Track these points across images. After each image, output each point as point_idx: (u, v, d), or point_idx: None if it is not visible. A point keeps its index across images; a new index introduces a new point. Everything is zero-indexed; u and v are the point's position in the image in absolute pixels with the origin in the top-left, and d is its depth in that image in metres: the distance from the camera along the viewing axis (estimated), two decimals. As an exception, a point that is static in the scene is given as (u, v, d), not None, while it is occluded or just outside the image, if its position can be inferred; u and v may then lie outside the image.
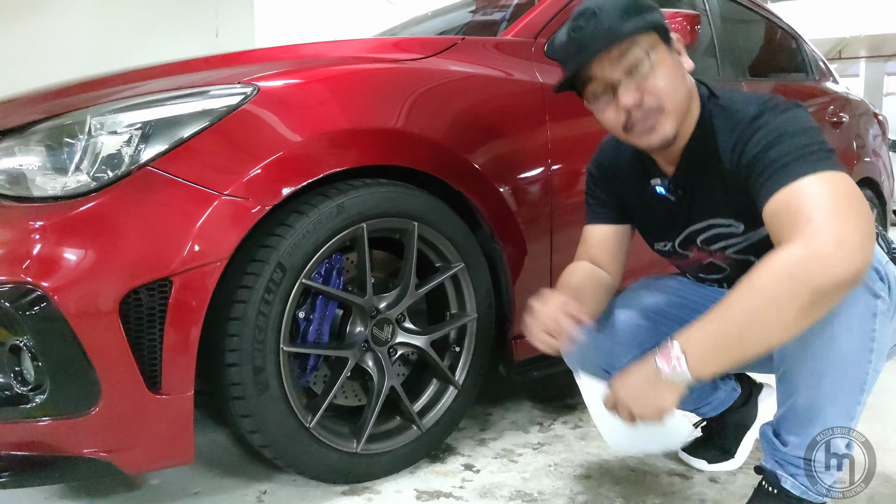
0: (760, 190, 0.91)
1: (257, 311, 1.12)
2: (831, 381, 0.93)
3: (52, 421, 1.01)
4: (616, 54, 0.96)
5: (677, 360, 0.88)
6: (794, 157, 0.89)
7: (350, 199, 1.21)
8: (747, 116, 0.97)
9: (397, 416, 1.39)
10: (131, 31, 4.36)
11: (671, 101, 0.98)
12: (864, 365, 0.93)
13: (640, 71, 0.96)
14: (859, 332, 0.91)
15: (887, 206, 3.13)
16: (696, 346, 0.88)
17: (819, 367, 0.94)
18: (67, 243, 1.00)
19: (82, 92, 1.20)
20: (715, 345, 0.87)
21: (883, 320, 0.92)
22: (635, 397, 0.94)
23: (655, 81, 0.97)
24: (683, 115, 1.01)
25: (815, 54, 2.97)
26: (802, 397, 0.97)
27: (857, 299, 0.90)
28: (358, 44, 1.53)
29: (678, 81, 0.99)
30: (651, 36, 0.97)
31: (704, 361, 0.87)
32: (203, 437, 1.54)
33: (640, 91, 0.97)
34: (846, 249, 0.80)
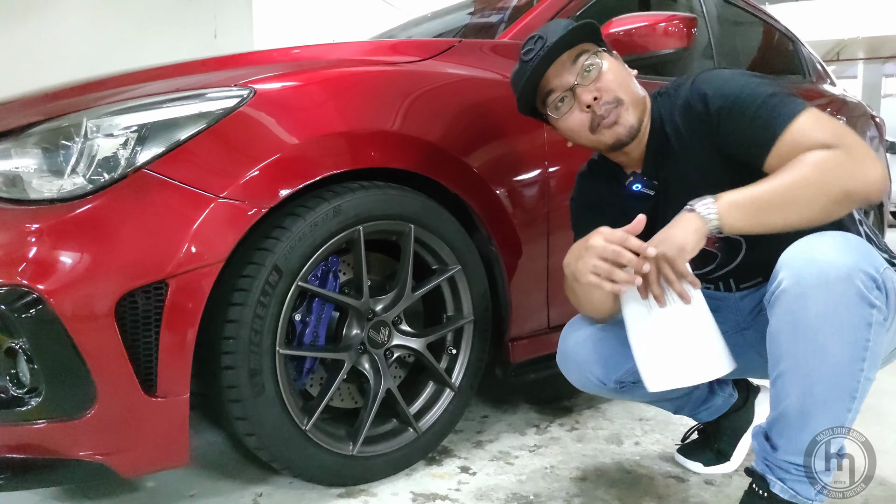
0: (756, 140, 1.00)
1: (253, 313, 1.12)
2: (822, 388, 0.93)
3: (48, 424, 1.01)
4: (567, 61, 1.09)
5: (710, 204, 0.96)
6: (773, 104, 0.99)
7: (346, 201, 1.21)
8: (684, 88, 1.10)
9: (394, 419, 1.39)
10: (130, 33, 4.37)
11: (627, 93, 1.10)
12: (856, 374, 0.92)
13: (591, 73, 1.09)
14: (852, 341, 0.90)
15: (884, 208, 3.13)
16: (730, 197, 0.96)
17: (810, 373, 0.94)
18: (63, 246, 1.00)
19: (79, 94, 1.20)
20: (746, 202, 0.95)
21: (878, 330, 0.91)
22: (661, 239, 0.99)
23: (608, 79, 1.09)
24: (641, 108, 1.13)
25: (812, 56, 2.98)
26: (793, 403, 0.97)
27: (851, 309, 0.89)
28: (354, 46, 1.53)
29: (628, 78, 1.12)
30: (594, 45, 1.12)
31: (733, 211, 0.95)
32: (199, 440, 1.54)
33: (597, 89, 1.09)
34: (876, 164, 0.93)
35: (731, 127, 1.03)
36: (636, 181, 1.17)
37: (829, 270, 0.89)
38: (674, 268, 0.98)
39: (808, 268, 0.90)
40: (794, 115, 0.97)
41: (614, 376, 1.17)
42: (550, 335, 1.56)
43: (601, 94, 1.08)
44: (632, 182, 1.17)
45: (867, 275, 0.88)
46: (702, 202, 0.97)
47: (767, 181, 0.96)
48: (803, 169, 0.93)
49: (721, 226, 0.96)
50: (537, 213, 1.52)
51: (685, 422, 1.54)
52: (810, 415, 0.96)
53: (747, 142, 1.01)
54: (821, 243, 0.91)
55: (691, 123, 1.08)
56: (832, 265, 0.89)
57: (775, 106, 0.99)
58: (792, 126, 0.97)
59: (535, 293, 1.55)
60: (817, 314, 0.90)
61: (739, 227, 0.96)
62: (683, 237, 0.97)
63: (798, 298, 0.91)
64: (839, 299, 0.89)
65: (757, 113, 1.00)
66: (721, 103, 1.03)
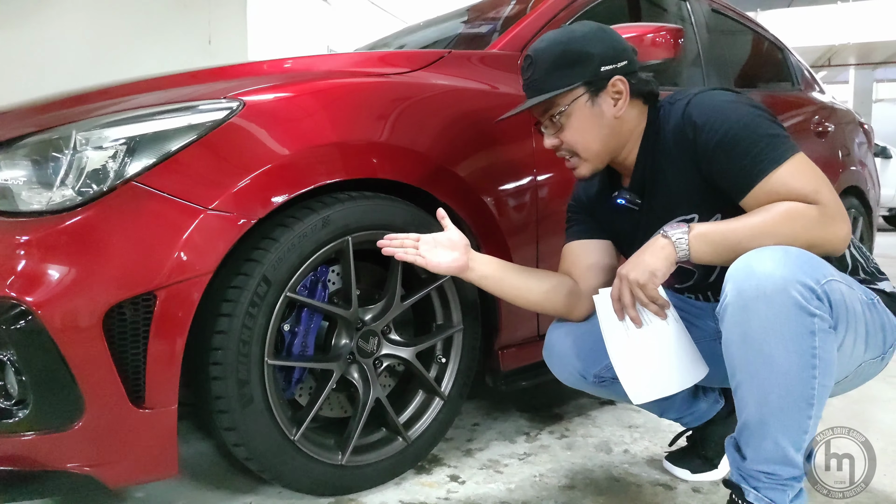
0: (739, 180, 1.02)
1: (242, 324, 1.13)
2: (776, 397, 0.95)
3: (36, 435, 1.01)
4: (540, 105, 1.15)
5: (683, 231, 1.02)
6: (759, 148, 1.00)
7: (335, 212, 1.22)
8: (678, 107, 1.11)
9: (383, 428, 1.40)
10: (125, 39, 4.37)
11: (584, 150, 1.15)
12: (809, 381, 0.93)
13: (556, 123, 1.15)
14: (797, 350, 0.92)
15: (873, 214, 3.16)
16: (702, 230, 1.02)
17: (763, 384, 0.96)
18: (52, 258, 1.00)
19: (69, 106, 1.20)
20: (716, 237, 1.01)
21: (825, 338, 0.92)
22: (634, 264, 1.05)
23: (568, 134, 1.15)
24: (608, 154, 1.17)
25: (801, 64, 3.01)
26: (752, 413, 0.99)
27: (790, 319, 0.91)
28: (344, 58, 1.54)
29: (594, 133, 1.14)
30: (574, 91, 1.12)
31: (703, 244, 1.01)
32: (188, 450, 1.54)
33: (558, 139, 1.16)
34: (845, 223, 0.98)
35: (714, 163, 1.05)
36: (620, 196, 1.22)
37: (766, 283, 0.91)
38: (645, 292, 1.04)
39: (748, 280, 0.93)
40: (777, 164, 0.99)
41: (593, 370, 1.21)
42: (540, 343, 1.56)
43: (561, 144, 1.17)
44: (616, 196, 1.22)
45: (804, 285, 0.90)
46: (675, 230, 1.02)
47: (740, 220, 1.00)
48: (775, 216, 0.98)
49: (690, 256, 1.02)
50: (527, 221, 1.53)
51: (674, 429, 1.55)
52: (769, 423, 0.98)
53: (728, 181, 1.04)
54: (760, 257, 0.94)
55: (680, 146, 1.10)
56: (769, 277, 0.91)
57: (761, 151, 1.00)
58: (773, 175, 0.99)
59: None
60: (760, 326, 0.93)
61: (707, 260, 1.02)
62: (654, 263, 1.03)
63: (742, 311, 0.94)
64: (778, 310, 0.91)
65: (741, 155, 1.01)
66: (707, 137, 1.05)
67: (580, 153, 1.16)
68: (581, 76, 1.11)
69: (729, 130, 1.03)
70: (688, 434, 1.45)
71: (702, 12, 2.31)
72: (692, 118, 1.07)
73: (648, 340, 1.06)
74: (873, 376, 1.15)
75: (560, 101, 1.13)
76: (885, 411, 1.76)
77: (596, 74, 1.11)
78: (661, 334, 1.06)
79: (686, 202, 1.13)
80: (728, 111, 1.04)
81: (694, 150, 1.07)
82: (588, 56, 1.11)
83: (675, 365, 1.07)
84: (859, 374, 1.10)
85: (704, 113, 1.06)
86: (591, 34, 1.13)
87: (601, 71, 1.11)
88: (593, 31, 1.14)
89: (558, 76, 1.11)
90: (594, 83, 1.12)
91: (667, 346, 1.06)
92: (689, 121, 1.07)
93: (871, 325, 1.04)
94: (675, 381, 1.08)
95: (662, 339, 1.06)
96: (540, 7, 1.77)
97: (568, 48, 1.11)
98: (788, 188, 0.98)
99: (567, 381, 1.29)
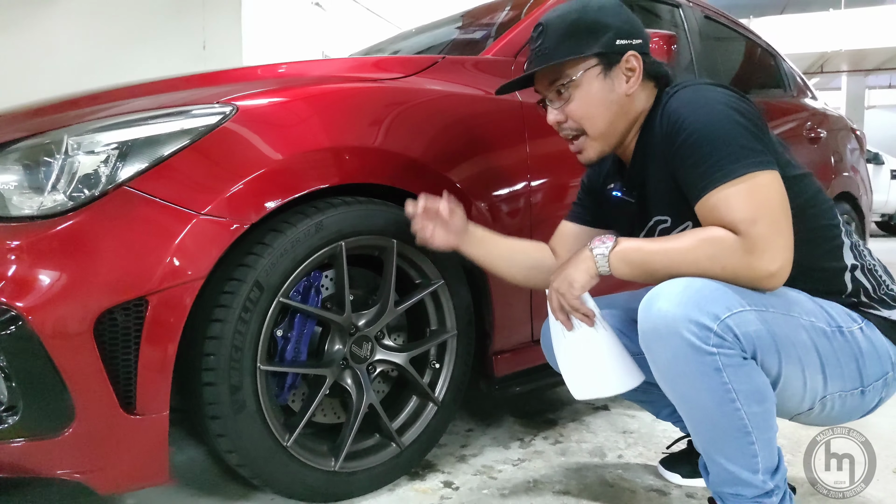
0: (692, 187, 0.99)
1: (234, 329, 1.12)
2: (706, 429, 0.96)
3: (26, 442, 1.00)
4: (548, 75, 1.09)
5: (606, 247, 1.01)
6: (720, 156, 0.95)
7: (328, 217, 1.22)
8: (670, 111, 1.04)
9: (376, 434, 1.39)
10: (119, 44, 4.37)
11: (591, 127, 1.09)
12: (732, 413, 0.93)
13: (563, 95, 1.09)
14: (706, 388, 0.91)
15: (866, 219, 3.18)
16: (624, 247, 1.01)
17: (690, 417, 0.98)
18: (42, 263, 0.99)
19: (62, 111, 1.20)
20: (635, 257, 1.00)
21: (735, 370, 0.91)
22: (558, 273, 1.08)
23: (574, 107, 1.08)
24: (614, 136, 1.11)
25: (793, 71, 3.03)
26: (697, 441, 1.01)
27: (688, 360, 0.90)
28: (338, 63, 1.54)
29: (602, 108, 1.08)
30: (586, 61, 1.06)
31: (622, 263, 1.01)
32: (180, 456, 1.53)
33: (564, 113, 1.10)
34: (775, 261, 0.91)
35: (678, 162, 1.01)
36: (616, 189, 1.22)
37: (660, 324, 0.92)
38: (566, 301, 1.06)
39: (647, 321, 0.94)
40: (728, 179, 0.93)
41: None
42: (534, 348, 1.56)
43: (566, 120, 1.11)
44: (612, 188, 1.23)
45: (696, 324, 0.89)
46: (600, 246, 1.03)
47: (661, 243, 0.99)
48: (696, 242, 0.95)
49: (610, 272, 1.02)
50: (521, 226, 1.53)
51: (669, 435, 1.55)
52: (711, 453, 0.99)
53: (684, 185, 1.01)
54: (660, 293, 0.93)
55: (662, 141, 1.07)
56: (663, 318, 0.91)
57: (719, 160, 0.94)
58: (719, 191, 0.94)
59: (518, 306, 1.56)
60: (665, 366, 0.95)
61: (627, 278, 1.02)
62: (574, 275, 1.05)
63: (648, 350, 0.96)
64: (675, 352, 0.91)
65: (701, 160, 0.96)
66: (677, 134, 1.00)
67: (587, 129, 1.09)
68: (595, 46, 1.04)
69: (696, 131, 0.96)
70: (688, 439, 1.45)
71: (695, 19, 2.33)
72: (669, 111, 1.02)
73: (579, 344, 1.11)
74: (862, 412, 1.08)
75: (570, 70, 1.06)
76: (877, 416, 1.75)
77: (610, 47, 1.05)
78: (589, 340, 1.10)
79: (661, 204, 1.11)
80: (703, 110, 0.97)
81: (667, 145, 1.02)
82: (604, 27, 1.05)
83: (605, 370, 1.10)
84: (832, 409, 1.04)
85: (680, 108, 1.00)
86: (609, 6, 1.08)
87: (616, 44, 1.05)
88: (610, 3, 1.08)
89: (571, 44, 1.04)
90: (608, 56, 1.05)
91: (596, 350, 1.10)
92: (667, 113, 1.02)
93: (829, 354, 0.98)
94: (608, 384, 1.11)
95: (591, 345, 1.10)
96: (534, 13, 1.78)
97: (583, 17, 1.05)
98: (728, 208, 0.92)
99: (554, 366, 1.29)
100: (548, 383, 1.58)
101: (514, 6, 2.00)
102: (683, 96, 1.02)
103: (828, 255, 1.05)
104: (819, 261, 1.04)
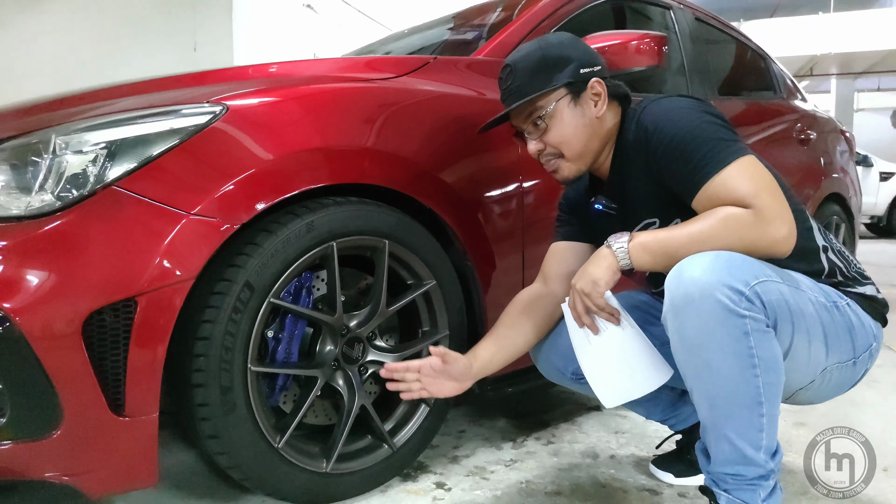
0: (685, 184, 1.04)
1: (224, 330, 1.11)
2: (722, 400, 0.97)
3: (13, 444, 0.99)
4: (522, 111, 1.16)
5: (624, 241, 1.05)
6: (704, 151, 1.01)
7: (320, 217, 1.21)
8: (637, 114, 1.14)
9: (368, 435, 1.38)
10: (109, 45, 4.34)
11: (568, 150, 1.16)
12: (751, 380, 0.95)
13: (539, 127, 1.16)
14: (733, 352, 0.94)
15: (855, 220, 3.20)
16: (642, 239, 1.04)
17: (708, 387, 0.98)
18: (30, 264, 0.98)
19: (51, 110, 1.19)
20: (655, 245, 1.03)
21: (761, 337, 0.94)
22: (580, 274, 1.10)
23: (552, 136, 1.15)
24: (590, 155, 1.18)
25: (784, 73, 3.05)
26: (706, 416, 1.01)
27: (720, 322, 0.93)
28: (329, 63, 1.54)
29: (577, 132, 1.15)
30: (556, 92, 1.14)
31: (643, 253, 1.04)
32: (170, 458, 1.52)
33: (542, 142, 1.17)
34: (784, 224, 0.98)
35: (665, 168, 1.07)
36: (597, 202, 1.25)
37: (693, 288, 0.94)
38: (591, 300, 1.08)
39: (678, 288, 0.96)
40: (721, 167, 1.00)
41: (571, 368, 1.23)
42: (526, 349, 1.56)
43: (546, 146, 1.17)
44: (594, 202, 1.25)
45: (730, 288, 0.92)
46: (618, 240, 1.06)
47: (679, 229, 1.03)
48: (711, 223, 0.99)
49: (631, 264, 1.05)
50: (513, 227, 1.53)
51: (661, 434, 1.55)
52: (721, 426, 1.00)
53: (677, 185, 1.06)
54: (690, 263, 0.96)
55: (636, 151, 1.13)
56: (695, 283, 0.94)
57: (705, 154, 1.01)
58: (716, 178, 1.00)
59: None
60: (694, 332, 0.95)
61: (648, 268, 1.05)
62: (597, 273, 1.07)
63: (676, 318, 0.97)
64: (708, 315, 0.93)
65: (688, 159, 1.03)
66: (657, 142, 1.07)
67: (565, 153, 1.16)
68: (562, 78, 1.13)
69: (676, 135, 1.04)
70: (676, 438, 1.45)
71: (686, 21, 2.34)
72: (644, 124, 1.10)
73: (608, 346, 1.11)
74: (851, 383, 1.15)
75: (542, 102, 1.14)
76: (867, 415, 1.77)
77: (576, 77, 1.14)
78: (617, 339, 1.10)
79: (647, 207, 1.16)
80: (676, 117, 1.06)
81: (647, 155, 1.09)
82: (567, 59, 1.14)
83: (636, 368, 1.11)
84: (829, 381, 1.10)
85: (655, 119, 1.08)
86: (566, 40, 1.17)
87: (580, 73, 1.14)
88: (567, 38, 1.18)
89: (540, 79, 1.12)
90: (575, 85, 1.14)
91: (625, 350, 1.11)
92: (642, 127, 1.10)
93: (830, 327, 1.04)
94: (640, 384, 1.12)
95: (620, 344, 1.10)
96: (525, 14, 1.78)
97: (546, 53, 1.14)
98: (728, 191, 1.00)
99: (548, 376, 1.32)
100: (539, 384, 1.58)
101: (505, 7, 2.01)
102: (655, 108, 1.11)
103: (803, 236, 1.09)
104: (798, 241, 1.07)
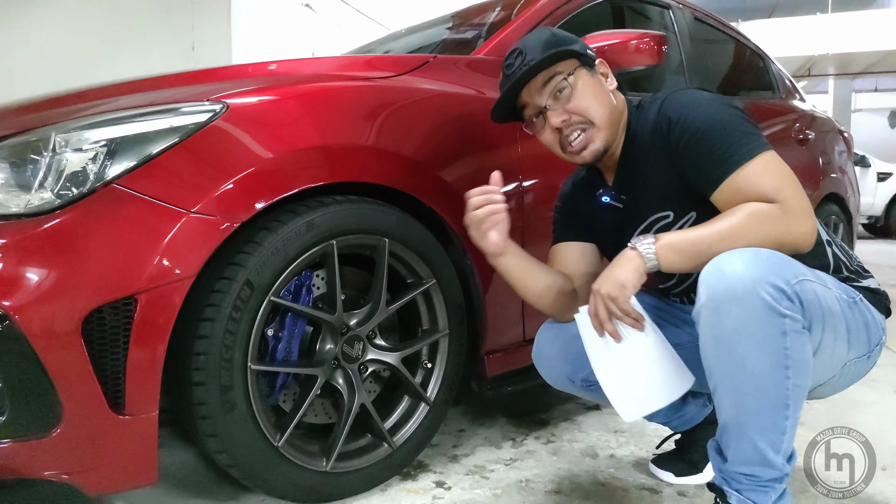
0: (707, 176, 1.04)
1: (224, 329, 1.11)
2: (751, 399, 0.96)
3: (12, 443, 0.99)
4: (540, 82, 1.13)
5: (650, 241, 1.02)
6: (729, 143, 1.01)
7: (320, 215, 1.21)
8: (655, 106, 1.13)
9: (368, 434, 1.38)
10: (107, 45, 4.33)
11: (597, 116, 1.13)
12: (782, 381, 0.94)
13: (563, 95, 1.12)
14: (770, 351, 0.93)
15: (853, 220, 3.20)
16: (669, 239, 1.02)
17: (737, 385, 0.97)
18: (30, 262, 0.98)
19: (50, 108, 1.19)
20: (684, 245, 1.01)
21: (796, 338, 0.93)
22: (605, 278, 1.05)
23: (578, 102, 1.12)
24: (614, 128, 1.16)
25: (782, 73, 3.05)
26: (729, 415, 1.00)
27: (761, 320, 0.92)
28: (329, 61, 1.54)
29: (601, 99, 1.14)
30: (571, 62, 1.13)
31: (671, 253, 1.01)
32: (169, 457, 1.52)
33: (567, 112, 1.12)
34: (810, 218, 0.99)
35: (687, 157, 1.06)
36: (605, 194, 1.22)
37: (736, 285, 0.92)
38: (617, 305, 1.04)
39: (719, 283, 0.94)
40: (746, 160, 1.00)
41: (581, 375, 1.21)
42: (526, 348, 1.56)
43: (570, 116, 1.13)
44: (601, 194, 1.23)
45: (774, 286, 0.91)
46: (643, 241, 1.03)
47: (707, 227, 1.01)
48: (741, 219, 0.99)
49: (659, 265, 1.02)
50: (512, 226, 1.52)
51: (660, 433, 1.55)
52: (745, 425, 0.98)
53: (699, 175, 1.06)
54: (730, 259, 0.95)
55: (655, 142, 1.11)
56: (739, 279, 0.92)
57: (731, 146, 1.02)
58: (741, 171, 1.00)
59: (510, 306, 1.56)
60: (732, 328, 0.94)
61: (676, 268, 1.02)
62: (623, 275, 1.03)
63: (713, 313, 0.95)
64: (749, 312, 0.92)
65: (712, 150, 1.03)
66: (681, 131, 1.06)
67: (594, 118, 1.12)
68: (574, 51, 1.13)
69: (702, 125, 1.04)
70: (676, 438, 1.45)
71: (685, 21, 2.34)
72: (667, 114, 1.09)
73: (630, 354, 1.06)
74: (862, 376, 1.16)
75: (563, 67, 1.13)
76: (866, 414, 1.78)
77: (584, 55, 1.15)
78: (641, 346, 1.05)
79: (662, 200, 1.15)
80: (702, 107, 1.06)
81: (668, 145, 1.08)
82: (573, 40, 1.15)
83: (659, 377, 1.07)
84: (846, 374, 1.11)
85: (679, 108, 1.08)
86: (566, 33, 1.19)
87: (587, 52, 1.16)
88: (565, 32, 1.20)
89: (554, 51, 1.11)
90: (586, 58, 1.15)
91: (649, 357, 1.06)
92: (665, 116, 1.09)
93: (852, 323, 1.05)
94: (663, 393, 1.07)
95: (644, 352, 1.06)
96: (525, 13, 1.78)
97: (553, 34, 1.15)
98: (753, 185, 1.00)
99: (555, 384, 1.29)
100: (539, 383, 1.58)
101: (504, 6, 2.01)
102: (680, 98, 1.10)
103: None
104: None
